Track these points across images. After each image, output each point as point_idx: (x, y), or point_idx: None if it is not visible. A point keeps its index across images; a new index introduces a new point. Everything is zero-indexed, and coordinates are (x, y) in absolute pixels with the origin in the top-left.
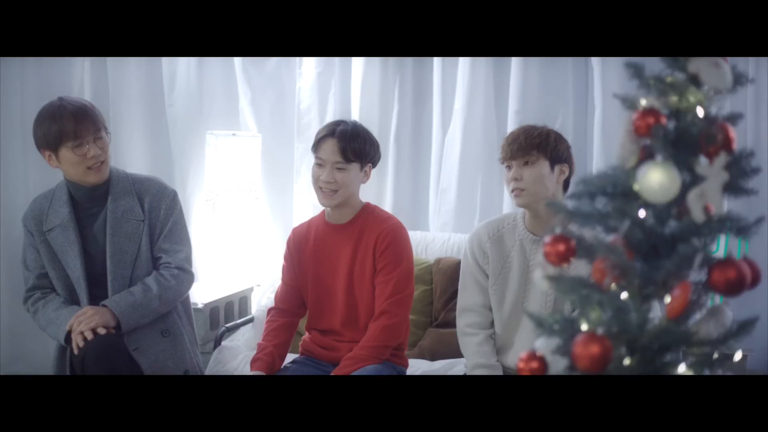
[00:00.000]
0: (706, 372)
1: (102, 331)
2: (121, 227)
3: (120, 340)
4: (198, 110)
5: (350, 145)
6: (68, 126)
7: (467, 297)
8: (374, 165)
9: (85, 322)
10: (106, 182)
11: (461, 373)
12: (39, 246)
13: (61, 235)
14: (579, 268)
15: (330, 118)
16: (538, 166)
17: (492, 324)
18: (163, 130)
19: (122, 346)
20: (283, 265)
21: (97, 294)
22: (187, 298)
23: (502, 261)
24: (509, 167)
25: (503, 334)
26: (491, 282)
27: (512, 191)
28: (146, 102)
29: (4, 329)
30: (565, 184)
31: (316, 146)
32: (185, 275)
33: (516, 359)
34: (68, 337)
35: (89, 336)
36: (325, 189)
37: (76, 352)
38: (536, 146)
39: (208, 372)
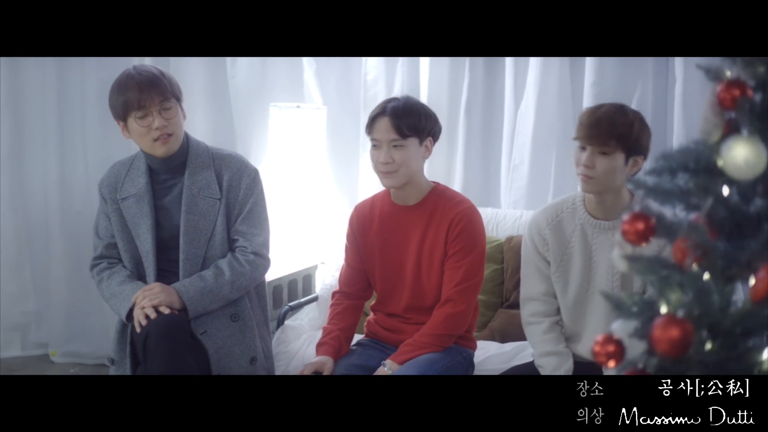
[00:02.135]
0: None
1: (166, 310)
2: (196, 205)
3: (185, 321)
4: (261, 82)
5: (404, 121)
6: (132, 96)
7: (530, 286)
8: (435, 139)
9: (149, 297)
10: (183, 154)
11: (531, 358)
12: (111, 214)
13: (135, 206)
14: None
15: (398, 90)
16: (613, 159)
17: (557, 311)
18: (226, 102)
19: (187, 328)
20: (346, 246)
21: (164, 268)
22: (262, 281)
23: (563, 247)
24: (583, 148)
25: (570, 322)
26: (553, 269)
27: (580, 175)
28: (208, 73)
29: (63, 307)
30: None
31: (370, 127)
32: (261, 261)
33: (586, 348)
34: (129, 314)
35: (151, 313)
36: (383, 170)
37: (138, 329)
38: (616, 137)
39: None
